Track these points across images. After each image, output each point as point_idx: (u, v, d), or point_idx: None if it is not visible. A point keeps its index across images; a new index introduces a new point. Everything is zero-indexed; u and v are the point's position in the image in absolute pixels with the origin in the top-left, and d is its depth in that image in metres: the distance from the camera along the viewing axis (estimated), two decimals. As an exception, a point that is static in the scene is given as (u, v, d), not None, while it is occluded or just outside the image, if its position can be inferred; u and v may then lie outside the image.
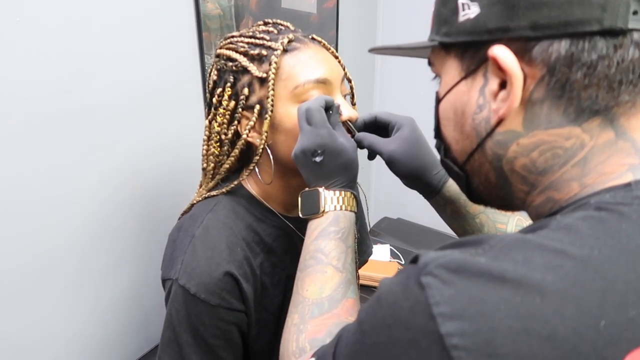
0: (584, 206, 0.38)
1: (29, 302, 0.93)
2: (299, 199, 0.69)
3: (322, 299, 0.58)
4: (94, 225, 1.03)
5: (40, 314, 0.95)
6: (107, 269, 1.08)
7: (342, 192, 0.67)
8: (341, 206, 0.66)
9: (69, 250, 0.98)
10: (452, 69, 0.47)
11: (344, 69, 0.77)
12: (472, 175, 0.51)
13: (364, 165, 2.20)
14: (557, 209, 0.42)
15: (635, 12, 0.36)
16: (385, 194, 2.36)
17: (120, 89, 1.01)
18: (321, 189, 0.67)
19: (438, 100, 0.51)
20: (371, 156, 0.76)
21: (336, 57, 0.77)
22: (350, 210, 0.67)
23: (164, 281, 0.76)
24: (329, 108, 0.69)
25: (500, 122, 0.43)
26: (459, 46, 0.45)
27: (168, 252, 0.78)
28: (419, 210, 2.15)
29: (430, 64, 0.53)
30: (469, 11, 0.42)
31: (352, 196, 0.68)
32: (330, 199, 0.66)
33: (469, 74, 0.45)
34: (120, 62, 1.01)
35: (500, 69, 0.41)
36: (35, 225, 0.91)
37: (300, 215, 0.68)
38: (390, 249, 1.83)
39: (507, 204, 0.50)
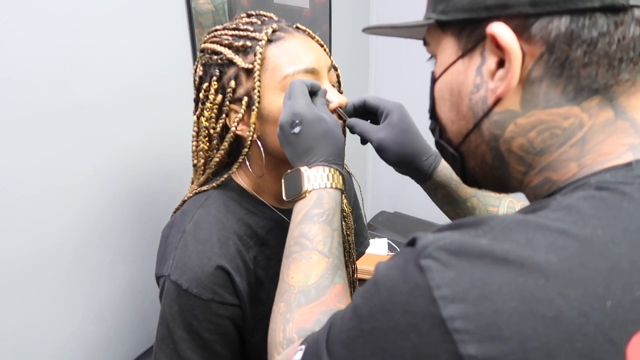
0: (583, 186, 0.37)
1: (22, 301, 0.93)
2: (282, 181, 0.67)
3: (308, 287, 0.56)
4: (87, 222, 1.02)
5: (34, 312, 0.95)
6: (102, 267, 1.07)
7: (324, 168, 0.64)
8: (325, 184, 0.63)
9: (62, 248, 0.98)
10: (449, 47, 0.46)
11: (330, 57, 0.77)
12: (467, 157, 0.50)
13: (360, 159, 2.21)
14: (555, 189, 0.41)
15: None
16: (382, 187, 2.35)
17: (112, 85, 1.01)
18: (302, 168, 0.64)
19: (434, 81, 0.51)
20: (363, 141, 0.75)
21: (322, 46, 0.76)
22: (335, 188, 0.64)
23: (157, 278, 0.76)
24: (315, 92, 0.69)
25: (497, 101, 0.43)
26: (456, 24, 0.44)
27: (161, 249, 0.78)
28: (416, 203, 2.15)
29: (425, 44, 0.52)
30: None
31: (337, 172, 0.65)
32: (314, 177, 0.63)
33: (466, 52, 0.44)
34: (112, 59, 1.00)
35: (498, 47, 0.40)
36: (27, 223, 0.91)
37: (284, 199, 0.66)
38: (388, 242, 1.83)
39: (503, 185, 0.49)
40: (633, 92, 0.39)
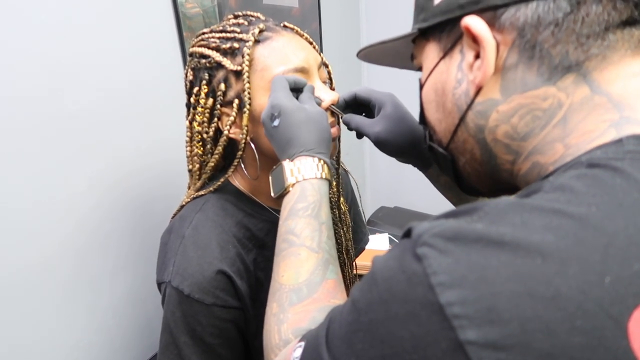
0: (575, 165, 0.37)
1: (24, 313, 0.92)
2: (269, 179, 0.66)
3: (299, 285, 0.55)
4: (85, 231, 1.02)
5: (36, 324, 0.95)
6: (102, 275, 1.07)
7: (306, 159, 0.62)
8: (309, 175, 0.61)
9: (62, 258, 0.98)
10: (431, 52, 0.49)
11: (320, 54, 0.76)
12: (457, 155, 0.51)
13: (358, 155, 2.21)
14: (546, 173, 0.42)
15: None
16: (381, 183, 2.35)
17: (103, 93, 1.01)
18: (285, 162, 0.63)
19: (421, 87, 0.53)
20: (359, 135, 0.75)
21: (311, 43, 0.76)
22: (320, 178, 0.62)
23: (159, 285, 0.76)
24: (300, 88, 0.69)
25: (478, 91, 0.44)
26: (436, 28, 0.47)
27: (161, 256, 0.78)
28: (415, 197, 2.15)
29: (412, 58, 0.54)
30: None
31: (321, 161, 0.63)
32: (297, 169, 0.62)
33: (446, 52, 0.47)
34: (101, 67, 1.00)
35: (473, 40, 0.43)
36: (26, 235, 0.91)
37: (273, 196, 0.65)
38: (389, 237, 1.83)
39: (496, 181, 0.50)
40: (604, 66, 0.40)
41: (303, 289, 0.55)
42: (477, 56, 0.43)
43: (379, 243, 1.77)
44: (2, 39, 0.82)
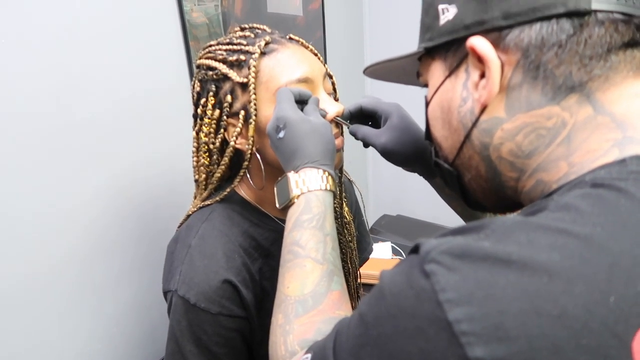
0: (579, 184, 0.38)
1: (28, 320, 0.93)
2: (274, 190, 0.67)
3: (304, 296, 0.56)
4: (91, 238, 1.02)
5: (41, 331, 0.95)
6: (107, 283, 1.08)
7: (311, 171, 0.63)
8: (314, 187, 0.62)
9: (67, 266, 0.98)
10: (437, 70, 0.50)
11: (324, 66, 0.77)
12: (462, 170, 0.52)
13: (360, 163, 2.21)
14: (550, 191, 0.42)
15: None
16: (384, 191, 2.36)
17: (110, 103, 1.02)
18: (290, 173, 0.64)
19: (427, 104, 0.54)
20: (366, 145, 0.76)
21: (315, 55, 0.77)
22: (324, 190, 0.63)
23: (165, 294, 0.76)
24: (305, 100, 0.69)
25: (483, 109, 0.45)
26: (442, 47, 0.48)
27: (167, 265, 0.78)
28: (418, 205, 2.15)
29: (418, 76, 0.56)
30: (448, 14, 0.46)
31: (325, 173, 0.63)
32: (301, 180, 0.62)
33: (452, 71, 0.48)
34: (108, 76, 1.01)
35: (479, 60, 0.44)
36: (32, 242, 0.91)
37: (277, 207, 0.65)
38: (392, 246, 1.83)
39: (501, 198, 0.50)
40: (607, 87, 0.41)
41: (308, 300, 0.55)
42: (482, 75, 0.44)
43: (381, 252, 1.77)
44: (11, 51, 0.83)
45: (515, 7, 0.41)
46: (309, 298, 0.55)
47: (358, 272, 1.02)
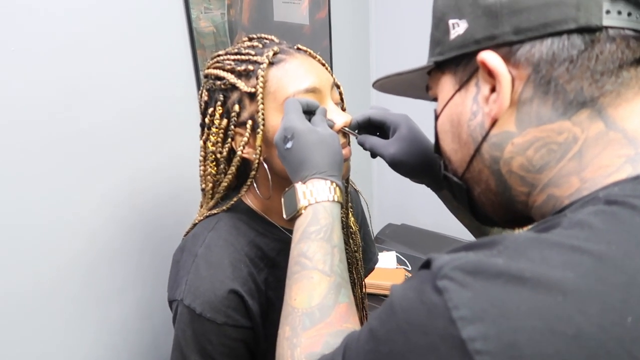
0: (592, 201, 0.37)
1: (33, 330, 0.93)
2: (282, 200, 0.67)
3: (312, 308, 0.55)
4: (97, 246, 1.03)
5: (45, 341, 0.95)
6: (111, 292, 1.07)
7: (319, 182, 0.63)
8: (321, 198, 0.62)
9: (72, 273, 0.98)
10: (447, 84, 0.50)
11: (332, 75, 0.77)
12: (472, 184, 0.52)
13: (366, 171, 2.21)
14: (562, 206, 0.42)
15: (608, 12, 0.39)
16: (388, 200, 2.35)
17: (116, 111, 1.02)
18: (297, 184, 0.63)
19: (436, 117, 0.54)
20: (374, 155, 0.76)
21: (323, 65, 0.77)
22: (332, 201, 0.62)
23: (170, 303, 0.76)
24: (313, 111, 0.69)
25: (493, 123, 0.45)
26: (452, 62, 0.48)
27: (173, 273, 0.78)
28: (423, 214, 2.15)
29: (428, 89, 0.56)
30: (459, 28, 0.46)
31: (333, 184, 0.63)
32: (309, 191, 0.62)
33: (462, 85, 0.48)
34: (115, 85, 1.01)
35: (489, 74, 0.44)
36: (36, 251, 0.91)
37: (285, 218, 0.65)
38: (397, 255, 1.82)
39: (511, 212, 0.50)
40: (619, 103, 0.41)
41: (316, 313, 0.55)
42: (493, 89, 0.44)
43: (386, 261, 1.76)
44: (18, 60, 0.84)
45: (526, 23, 0.41)
46: (316, 310, 0.55)
47: (363, 283, 1.01)
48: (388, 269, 1.71)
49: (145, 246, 1.14)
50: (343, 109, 0.81)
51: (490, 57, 0.43)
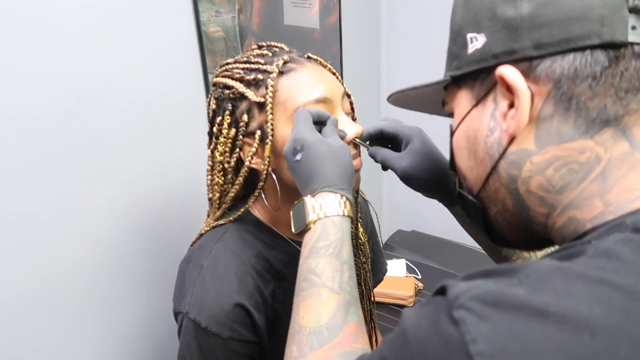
0: (619, 227, 0.36)
1: (34, 335, 0.92)
2: (290, 213, 0.65)
3: (320, 328, 0.53)
4: (101, 253, 1.02)
5: (47, 346, 0.94)
6: (115, 299, 1.07)
7: (328, 195, 0.61)
8: (331, 212, 0.60)
9: (76, 280, 0.98)
10: (464, 99, 0.49)
11: (343, 85, 0.76)
12: (488, 204, 0.50)
13: (375, 176, 2.19)
14: (584, 230, 0.40)
15: (634, 27, 0.37)
16: (398, 205, 2.33)
17: (124, 116, 1.01)
18: (306, 198, 0.62)
19: (452, 133, 0.52)
20: (385, 168, 0.74)
21: (334, 74, 0.75)
22: (342, 215, 0.61)
23: (175, 314, 0.75)
24: (324, 121, 0.68)
25: (511, 140, 0.44)
26: (470, 76, 0.47)
27: (178, 284, 0.77)
28: (433, 221, 2.11)
29: (444, 104, 0.54)
30: (477, 42, 0.44)
31: (343, 198, 0.61)
32: (318, 205, 0.60)
33: (479, 100, 0.46)
34: (124, 90, 1.01)
35: (508, 90, 0.42)
36: (40, 256, 0.91)
37: (293, 231, 0.64)
38: (406, 263, 1.79)
39: (528, 233, 0.48)
40: None
41: (324, 332, 0.53)
42: (511, 105, 0.43)
43: (395, 269, 1.72)
44: (25, 63, 0.83)
45: (547, 37, 0.39)
46: (324, 330, 0.53)
47: (372, 294, 1.00)
48: (397, 277, 1.67)
49: (150, 254, 1.13)
50: (354, 119, 0.80)
51: (509, 72, 0.41)
